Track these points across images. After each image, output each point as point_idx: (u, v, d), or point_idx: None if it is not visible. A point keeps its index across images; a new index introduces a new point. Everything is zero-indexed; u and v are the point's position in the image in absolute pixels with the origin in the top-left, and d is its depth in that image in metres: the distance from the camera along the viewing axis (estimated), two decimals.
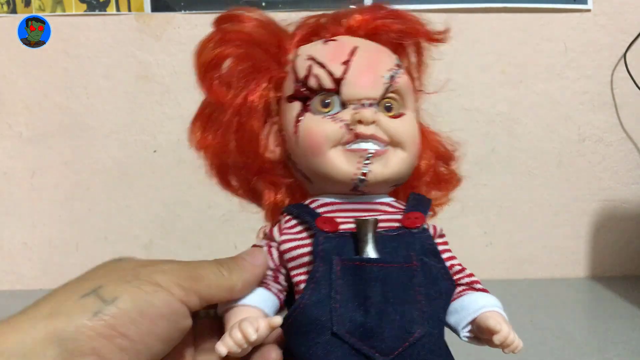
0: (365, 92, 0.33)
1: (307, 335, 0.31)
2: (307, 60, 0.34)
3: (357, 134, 0.32)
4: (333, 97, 0.33)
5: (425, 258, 0.32)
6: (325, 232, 0.32)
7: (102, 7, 0.80)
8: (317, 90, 0.33)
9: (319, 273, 0.31)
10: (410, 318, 0.30)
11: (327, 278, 0.31)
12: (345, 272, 0.31)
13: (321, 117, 0.33)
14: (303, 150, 0.33)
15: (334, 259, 0.31)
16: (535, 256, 0.87)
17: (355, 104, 0.33)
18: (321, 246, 0.32)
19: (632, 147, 0.86)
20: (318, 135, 0.33)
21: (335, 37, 0.35)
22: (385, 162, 0.33)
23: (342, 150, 0.33)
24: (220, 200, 0.85)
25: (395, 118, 0.34)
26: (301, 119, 0.34)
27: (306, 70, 0.33)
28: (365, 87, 0.33)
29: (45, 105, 0.83)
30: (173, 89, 0.82)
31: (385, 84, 0.33)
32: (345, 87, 0.33)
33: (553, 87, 0.84)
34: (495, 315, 0.32)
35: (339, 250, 0.32)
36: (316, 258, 0.31)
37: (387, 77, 0.33)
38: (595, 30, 0.83)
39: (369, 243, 0.31)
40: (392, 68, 0.34)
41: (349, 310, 0.30)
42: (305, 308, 0.31)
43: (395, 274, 0.31)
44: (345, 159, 0.32)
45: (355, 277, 0.31)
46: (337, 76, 0.33)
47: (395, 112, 0.34)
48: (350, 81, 0.33)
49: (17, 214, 0.85)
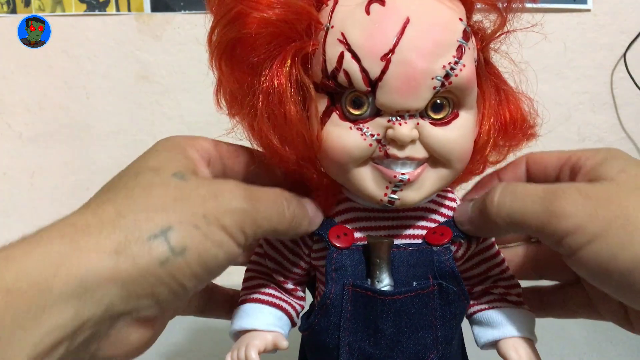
0: (405, 103, 0.26)
1: (318, 353, 0.31)
2: (338, 43, 0.26)
3: (388, 154, 0.27)
4: (367, 96, 0.27)
5: (443, 282, 0.29)
6: (338, 247, 0.30)
7: (102, 7, 0.80)
8: (347, 88, 0.27)
9: (329, 298, 0.29)
10: (424, 344, 0.29)
11: (338, 305, 0.29)
12: (356, 300, 0.29)
13: (349, 126, 0.27)
14: (327, 159, 0.29)
15: (347, 284, 0.29)
16: None
17: (392, 115, 0.27)
18: (334, 265, 0.29)
19: (632, 147, 0.86)
20: (343, 151, 0.27)
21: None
22: (419, 186, 0.28)
23: (371, 167, 0.28)
24: None
25: (443, 124, 0.27)
26: (327, 122, 0.28)
27: (336, 62, 0.26)
28: (406, 96, 0.26)
29: (45, 105, 0.83)
30: (173, 89, 0.82)
31: (436, 88, 0.26)
32: (381, 92, 0.26)
33: (553, 87, 0.84)
34: (519, 346, 0.30)
35: (353, 270, 0.29)
36: (328, 279, 0.29)
37: (439, 78, 0.26)
38: (595, 30, 0.83)
39: (383, 268, 0.29)
40: (450, 60, 0.26)
41: (357, 339, 0.29)
42: (314, 332, 0.30)
43: (410, 303, 0.29)
44: (373, 180, 0.28)
45: (367, 307, 0.29)
46: (374, 77, 0.26)
47: (445, 113, 0.27)
48: (388, 86, 0.26)
49: (17, 214, 0.85)
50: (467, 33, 0.27)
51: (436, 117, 0.27)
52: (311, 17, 0.28)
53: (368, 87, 0.26)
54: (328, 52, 0.27)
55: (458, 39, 0.26)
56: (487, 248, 0.33)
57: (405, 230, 0.31)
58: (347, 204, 0.31)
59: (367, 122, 0.27)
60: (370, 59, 0.26)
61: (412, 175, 0.27)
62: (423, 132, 0.27)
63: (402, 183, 0.28)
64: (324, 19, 0.28)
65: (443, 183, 0.29)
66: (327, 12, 0.28)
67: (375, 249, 0.29)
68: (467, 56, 0.27)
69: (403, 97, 0.26)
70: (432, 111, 0.27)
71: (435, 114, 0.27)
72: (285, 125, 0.28)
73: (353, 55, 0.26)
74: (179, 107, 0.82)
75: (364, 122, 0.27)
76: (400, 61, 0.25)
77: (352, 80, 0.26)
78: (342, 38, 0.26)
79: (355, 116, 0.27)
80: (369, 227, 0.31)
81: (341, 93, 0.28)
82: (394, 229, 0.31)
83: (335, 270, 0.29)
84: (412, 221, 0.31)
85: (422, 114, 0.27)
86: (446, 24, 0.27)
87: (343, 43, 0.26)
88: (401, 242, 0.30)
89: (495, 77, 0.31)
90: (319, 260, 0.32)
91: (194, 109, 0.81)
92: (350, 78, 0.26)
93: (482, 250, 0.33)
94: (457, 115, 0.28)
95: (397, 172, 0.27)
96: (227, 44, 0.29)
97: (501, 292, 0.33)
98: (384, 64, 0.25)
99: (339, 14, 0.27)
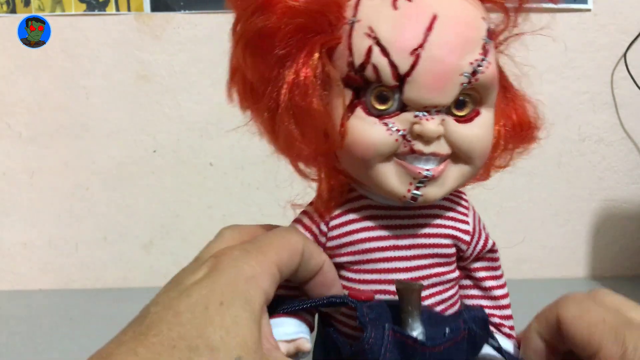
0: (433, 99, 0.26)
1: None
2: (366, 37, 0.26)
3: (413, 150, 0.27)
4: (393, 91, 0.27)
5: (474, 326, 0.29)
6: (365, 301, 0.29)
7: (102, 7, 0.80)
8: (374, 82, 0.27)
9: (368, 343, 0.28)
10: None
11: (377, 350, 0.28)
12: (394, 347, 0.28)
13: (374, 121, 0.27)
14: (349, 155, 0.28)
15: (387, 329, 0.28)
16: (535, 256, 0.87)
17: (418, 110, 0.26)
18: (367, 317, 0.28)
19: (632, 147, 0.86)
20: (368, 146, 0.27)
21: None
22: (442, 182, 0.28)
23: (394, 163, 0.28)
24: (220, 200, 0.85)
25: (466, 121, 0.27)
26: (350, 117, 0.27)
27: (364, 55, 0.26)
28: (435, 92, 0.26)
29: (45, 105, 0.83)
30: (173, 89, 0.82)
31: (463, 85, 0.26)
32: (409, 87, 0.26)
33: (553, 87, 0.84)
34: None
35: (386, 316, 0.29)
36: (366, 324, 0.28)
37: (467, 74, 0.26)
38: (595, 30, 0.83)
39: (415, 316, 0.28)
40: (477, 57, 0.26)
41: None
42: None
43: (447, 352, 0.29)
44: (396, 176, 0.28)
45: (403, 352, 0.28)
46: (403, 72, 0.26)
47: (468, 110, 0.27)
48: (417, 81, 0.26)
49: (17, 214, 0.85)
50: (490, 32, 0.27)
51: (459, 114, 0.27)
52: (339, 8, 0.27)
53: (396, 82, 0.26)
54: (355, 46, 0.26)
55: (482, 37, 0.27)
56: (493, 258, 0.34)
57: (423, 229, 0.31)
58: (362, 202, 0.31)
59: (392, 117, 0.27)
60: (400, 53, 0.25)
61: (436, 172, 0.27)
62: (448, 129, 0.27)
63: (427, 179, 0.27)
64: (348, 12, 0.27)
65: (464, 179, 0.29)
66: (350, 6, 0.27)
67: (406, 296, 0.28)
68: (492, 55, 0.27)
69: (431, 92, 0.26)
70: (455, 108, 0.27)
71: (458, 111, 0.27)
72: (309, 118, 0.27)
73: (382, 50, 0.26)
74: (179, 107, 0.82)
75: (389, 117, 0.27)
76: (429, 57, 0.25)
77: (380, 75, 0.26)
78: (369, 32, 0.26)
79: (380, 111, 0.27)
80: (386, 225, 0.31)
81: (366, 88, 0.27)
82: (411, 228, 0.31)
83: (372, 320, 0.28)
84: (430, 219, 0.31)
85: (446, 110, 0.27)
86: (472, 22, 0.27)
87: (371, 37, 0.26)
88: (422, 241, 0.31)
89: (503, 80, 0.31)
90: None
91: (194, 109, 0.82)
92: (379, 72, 0.26)
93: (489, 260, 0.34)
94: (479, 113, 0.28)
95: (422, 168, 0.27)
96: (253, 34, 0.28)
97: (497, 322, 0.34)
98: (413, 59, 0.25)
99: (365, 8, 0.27)
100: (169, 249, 0.85)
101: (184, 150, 0.83)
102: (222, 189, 0.84)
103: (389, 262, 0.30)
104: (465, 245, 0.32)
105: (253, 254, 0.26)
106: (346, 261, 0.31)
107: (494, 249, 0.33)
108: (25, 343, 0.66)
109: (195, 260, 0.28)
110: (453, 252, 0.32)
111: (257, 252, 0.27)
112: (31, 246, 0.86)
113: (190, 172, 0.83)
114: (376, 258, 0.30)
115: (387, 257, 0.30)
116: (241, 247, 0.27)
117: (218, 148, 0.81)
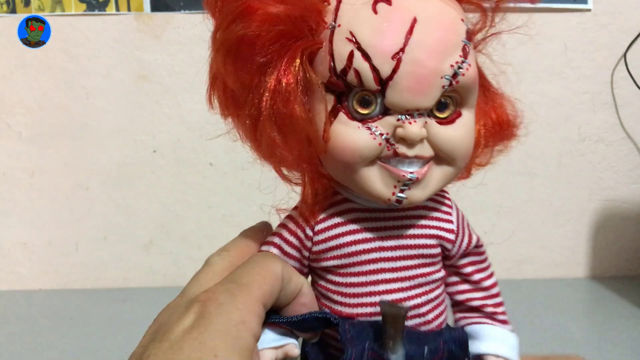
0: (415, 102, 0.26)
1: None
2: (347, 42, 0.26)
3: (397, 153, 0.27)
4: (375, 95, 0.27)
5: (453, 347, 0.30)
6: (347, 318, 0.30)
7: (102, 7, 0.80)
8: (355, 87, 0.27)
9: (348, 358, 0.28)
10: None
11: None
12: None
13: (357, 125, 0.27)
14: (333, 160, 0.28)
15: (367, 348, 0.28)
16: (535, 256, 0.87)
17: (401, 114, 0.27)
18: (348, 335, 0.29)
19: (632, 147, 0.86)
20: (352, 151, 0.27)
21: None
22: (426, 184, 0.28)
23: (378, 167, 0.28)
24: (220, 200, 0.85)
25: (448, 123, 0.28)
26: (333, 122, 0.28)
27: (346, 60, 0.26)
28: (416, 95, 0.26)
29: (45, 105, 0.83)
30: (173, 89, 0.82)
31: (444, 87, 0.26)
32: (391, 91, 0.26)
33: (553, 87, 0.84)
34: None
35: (367, 334, 0.29)
36: (346, 342, 0.29)
37: (448, 77, 0.26)
38: (595, 30, 0.83)
39: (397, 340, 0.29)
40: (457, 59, 0.26)
41: None
42: None
43: None
44: (380, 179, 0.28)
45: None
46: (384, 76, 0.26)
47: (449, 112, 0.28)
48: (399, 84, 0.26)
49: (17, 214, 0.85)
50: (469, 33, 0.28)
51: (441, 116, 0.28)
52: (320, 13, 0.27)
53: (378, 86, 0.26)
54: (336, 51, 0.27)
55: (462, 39, 0.27)
56: (479, 252, 0.34)
57: (407, 230, 0.31)
58: (346, 205, 0.31)
59: (375, 121, 0.27)
60: (381, 58, 0.26)
61: (420, 174, 0.28)
62: (430, 131, 0.27)
63: (411, 182, 0.28)
64: (328, 17, 0.27)
65: (447, 180, 0.30)
66: (330, 10, 0.27)
67: (391, 320, 0.28)
68: (471, 56, 0.27)
69: (414, 96, 0.26)
70: (437, 110, 0.27)
71: (440, 113, 0.28)
72: (291, 125, 0.27)
73: (363, 54, 0.26)
74: (179, 107, 0.82)
75: (372, 121, 0.27)
76: (410, 60, 0.25)
77: (362, 79, 0.26)
78: (350, 37, 0.26)
79: (363, 115, 0.27)
80: (371, 227, 0.31)
81: (348, 92, 0.27)
82: (396, 230, 0.31)
83: (352, 338, 0.29)
84: (415, 220, 0.31)
85: (428, 113, 0.27)
86: (451, 24, 0.27)
87: (352, 42, 0.26)
88: (407, 242, 0.31)
89: (482, 79, 0.31)
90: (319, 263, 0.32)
91: (194, 109, 0.82)
92: (361, 77, 0.26)
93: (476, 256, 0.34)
94: (460, 114, 0.28)
95: (406, 171, 0.28)
96: (233, 42, 0.28)
97: (490, 311, 0.34)
98: (395, 63, 0.25)
99: (345, 13, 0.27)
100: (169, 249, 0.85)
101: (184, 150, 0.83)
102: (222, 189, 0.84)
103: (375, 263, 0.31)
104: (450, 244, 0.32)
105: (239, 297, 0.26)
106: (333, 265, 0.31)
107: (479, 244, 0.34)
108: (25, 343, 0.66)
109: (182, 295, 0.28)
110: (438, 252, 0.32)
111: (241, 293, 0.27)
112: (31, 246, 0.86)
113: (190, 172, 0.83)
114: (362, 260, 0.31)
115: (373, 258, 0.31)
116: (225, 290, 0.27)
117: (218, 148, 0.81)
